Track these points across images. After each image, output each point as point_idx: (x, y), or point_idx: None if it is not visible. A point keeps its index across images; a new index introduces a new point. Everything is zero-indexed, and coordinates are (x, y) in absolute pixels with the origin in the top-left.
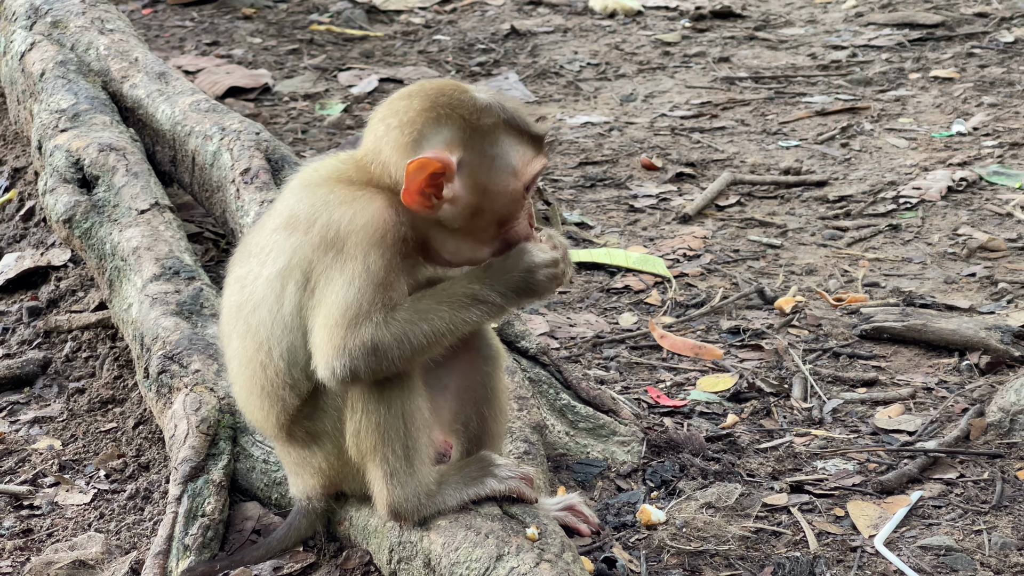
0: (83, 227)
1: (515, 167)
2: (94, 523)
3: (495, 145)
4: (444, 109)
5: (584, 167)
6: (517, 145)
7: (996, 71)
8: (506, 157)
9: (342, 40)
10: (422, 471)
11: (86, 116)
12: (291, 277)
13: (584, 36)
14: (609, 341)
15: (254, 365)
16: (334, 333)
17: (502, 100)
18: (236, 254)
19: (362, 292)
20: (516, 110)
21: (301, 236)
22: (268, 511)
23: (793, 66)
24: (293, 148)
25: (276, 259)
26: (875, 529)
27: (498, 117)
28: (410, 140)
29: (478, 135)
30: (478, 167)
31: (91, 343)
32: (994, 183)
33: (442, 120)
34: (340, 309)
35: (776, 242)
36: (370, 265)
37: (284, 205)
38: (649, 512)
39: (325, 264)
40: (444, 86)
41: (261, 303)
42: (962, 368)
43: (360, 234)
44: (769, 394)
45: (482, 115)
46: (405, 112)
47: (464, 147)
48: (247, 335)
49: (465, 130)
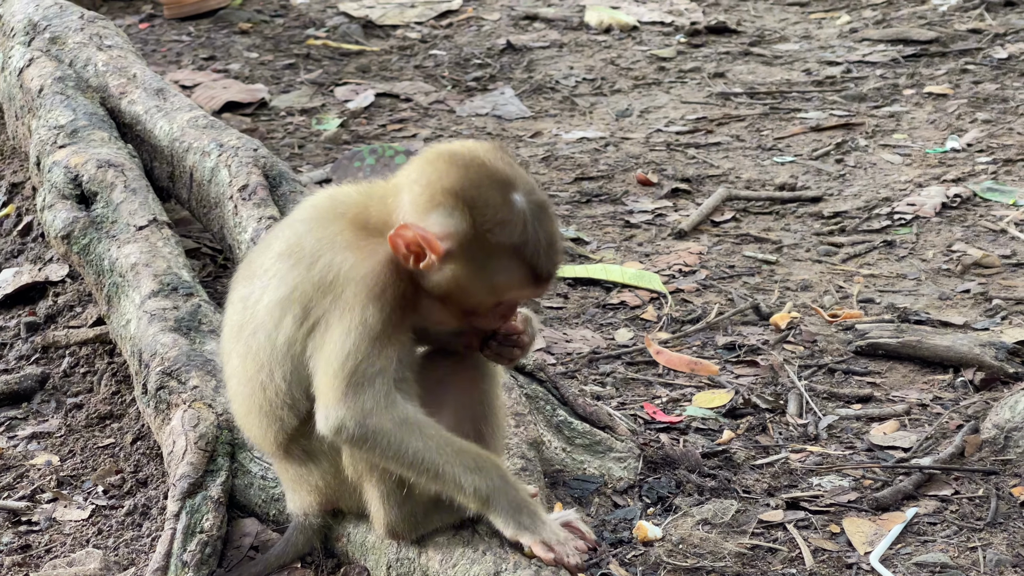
0: (81, 243)
1: (494, 286)
2: (92, 539)
3: (490, 259)
4: (468, 201)
5: (580, 182)
6: (513, 271)
7: (990, 87)
8: (493, 275)
9: (338, 55)
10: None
11: (84, 132)
12: (290, 309)
13: (580, 51)
14: (605, 357)
15: (254, 385)
16: (334, 384)
17: (535, 217)
18: (240, 271)
19: (358, 345)
20: (538, 237)
21: (303, 271)
22: (266, 527)
23: (788, 82)
24: (290, 163)
25: (278, 288)
26: (870, 546)
27: (512, 240)
28: (423, 205)
29: (480, 242)
30: (462, 265)
31: (89, 359)
32: (988, 199)
33: (459, 210)
34: (340, 359)
35: (771, 258)
36: (367, 319)
37: (292, 232)
38: (645, 528)
39: (324, 307)
40: (487, 175)
41: (261, 327)
42: (957, 384)
43: (360, 284)
44: (765, 410)
45: (497, 230)
46: (438, 180)
47: (461, 244)
48: (247, 356)
49: (471, 232)
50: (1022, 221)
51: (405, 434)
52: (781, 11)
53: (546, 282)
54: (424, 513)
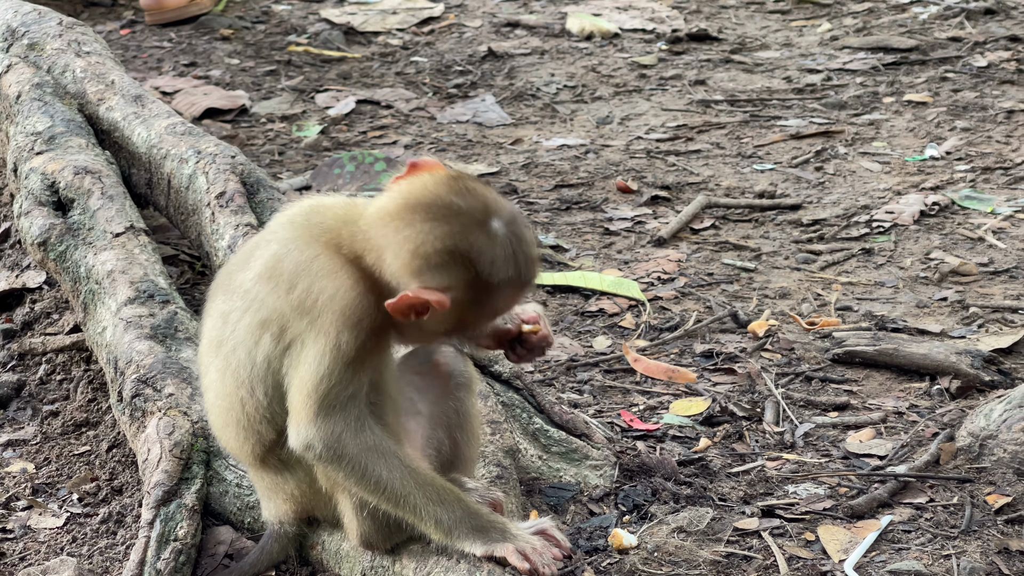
0: (58, 250)
1: (496, 309)
2: (67, 547)
3: (491, 295)
4: (462, 255)
5: (560, 189)
6: (510, 292)
7: (969, 95)
8: (495, 303)
9: (320, 61)
10: None
11: (62, 139)
12: (269, 329)
13: (561, 58)
14: (583, 364)
15: (233, 400)
16: (307, 404)
17: (514, 238)
18: (219, 281)
19: (331, 369)
20: (523, 257)
21: (283, 295)
22: (241, 535)
23: (768, 89)
24: (270, 170)
25: (258, 311)
26: (845, 554)
27: (505, 276)
28: (418, 268)
29: (480, 285)
30: (466, 304)
31: (66, 366)
32: (966, 207)
33: (456, 263)
34: (313, 381)
35: (750, 265)
36: (342, 345)
37: (271, 252)
38: (621, 536)
39: (301, 327)
40: (467, 219)
41: (241, 345)
42: (933, 392)
43: (336, 312)
44: (742, 418)
45: (492, 271)
46: (424, 241)
47: (463, 290)
48: (226, 371)
49: (470, 280)
50: (1000, 229)
51: (371, 461)
52: (762, 19)
53: (533, 282)
54: (397, 523)
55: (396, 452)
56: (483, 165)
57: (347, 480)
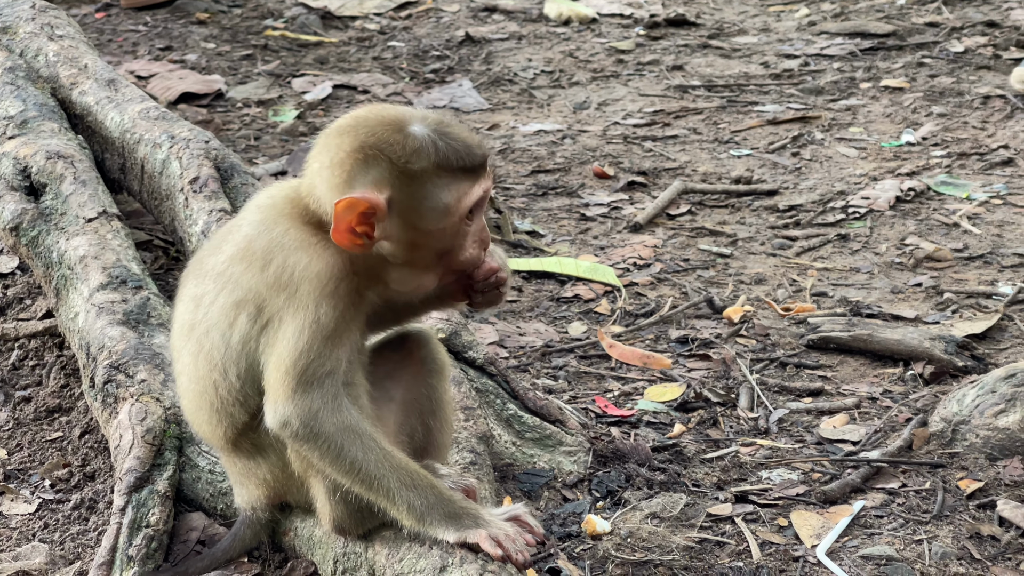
0: (30, 235)
1: (447, 205)
2: (39, 533)
3: (425, 186)
4: (372, 151)
5: (536, 175)
6: (451, 183)
7: (946, 81)
8: (438, 197)
9: (296, 46)
10: None
11: (34, 123)
12: (245, 308)
13: (539, 43)
14: (558, 350)
15: (206, 383)
16: (285, 381)
17: (438, 134)
18: (191, 267)
19: (311, 343)
20: (451, 145)
21: (257, 273)
22: (213, 521)
23: (746, 75)
24: (245, 155)
25: (232, 291)
26: (817, 539)
27: (429, 160)
28: (341, 181)
29: (407, 177)
30: (408, 207)
31: (38, 351)
32: (942, 193)
33: (370, 161)
34: (291, 357)
35: (726, 251)
36: (320, 317)
37: (243, 234)
38: (594, 522)
39: (278, 305)
40: (378, 123)
41: (214, 327)
42: (906, 378)
43: (313, 282)
44: (716, 404)
45: (412, 159)
46: (337, 151)
47: (393, 187)
48: (199, 354)
49: (393, 172)
50: (975, 215)
51: (347, 441)
52: (740, 4)
53: (483, 172)
54: (370, 508)
55: (372, 434)
56: None
57: (322, 460)
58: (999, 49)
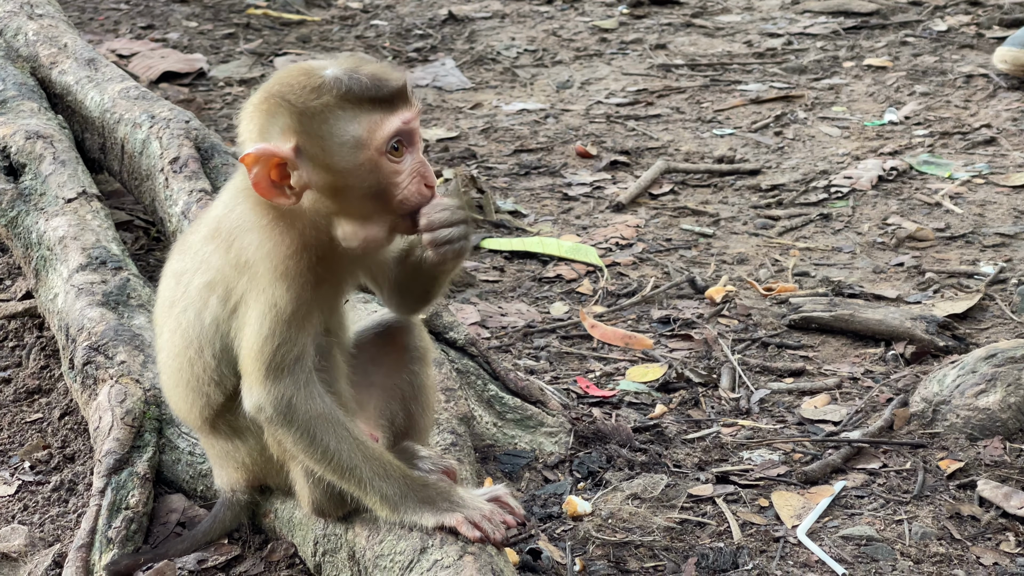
0: (9, 216)
1: (357, 137)
2: (18, 515)
3: (329, 122)
4: (276, 98)
5: (519, 155)
6: (358, 115)
7: (929, 60)
8: (345, 131)
9: (279, 24)
10: None
11: (13, 103)
12: (215, 291)
13: (522, 22)
14: (540, 331)
15: (182, 360)
16: (256, 367)
17: (348, 72)
18: (178, 242)
19: (273, 329)
20: (358, 79)
21: (223, 254)
22: (193, 503)
23: (729, 54)
24: (227, 134)
25: (205, 272)
26: (798, 519)
27: (331, 94)
28: (254, 136)
29: (308, 117)
30: (317, 149)
31: (18, 332)
32: (924, 172)
33: (275, 110)
34: (258, 343)
35: (708, 231)
36: (277, 301)
37: (214, 214)
38: (575, 503)
39: (243, 287)
40: (286, 74)
41: (191, 305)
42: (888, 358)
43: (266, 263)
44: (698, 384)
45: (312, 96)
46: (248, 108)
47: (298, 133)
48: (177, 331)
49: (295, 115)
50: (957, 194)
51: (319, 429)
52: None
53: (401, 104)
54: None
55: (345, 423)
56: (442, 130)
57: (295, 446)
58: (982, 28)
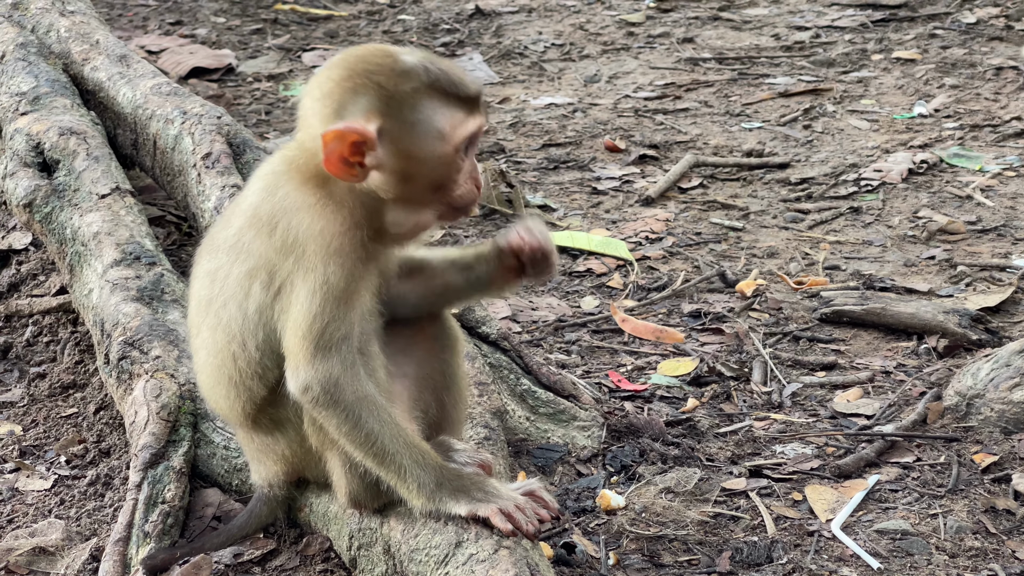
0: (43, 211)
1: (442, 131)
2: (54, 509)
3: (417, 110)
4: (361, 77)
5: (547, 149)
6: (444, 108)
7: (958, 52)
8: (431, 121)
9: (306, 20)
10: None
11: (47, 99)
12: (257, 277)
13: (549, 16)
14: (571, 325)
15: (224, 356)
16: (303, 346)
17: (429, 62)
18: (204, 245)
19: (323, 305)
20: (443, 72)
21: (265, 240)
22: (229, 498)
23: (757, 47)
24: (256, 130)
25: (245, 261)
26: (832, 513)
27: (420, 81)
28: (330, 111)
29: (397, 101)
30: (400, 133)
31: (52, 328)
32: (954, 165)
33: (359, 89)
34: (307, 321)
35: (738, 225)
36: (329, 277)
37: (248, 203)
38: (609, 497)
39: (288, 268)
40: (366, 53)
41: (231, 299)
42: (920, 352)
43: (318, 241)
44: (729, 378)
45: (401, 80)
46: (325, 83)
47: (383, 115)
48: (217, 327)
49: (383, 97)
50: (988, 187)
51: (364, 411)
52: None
53: (478, 103)
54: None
55: (386, 406)
56: None
57: (339, 429)
58: (1011, 20)
